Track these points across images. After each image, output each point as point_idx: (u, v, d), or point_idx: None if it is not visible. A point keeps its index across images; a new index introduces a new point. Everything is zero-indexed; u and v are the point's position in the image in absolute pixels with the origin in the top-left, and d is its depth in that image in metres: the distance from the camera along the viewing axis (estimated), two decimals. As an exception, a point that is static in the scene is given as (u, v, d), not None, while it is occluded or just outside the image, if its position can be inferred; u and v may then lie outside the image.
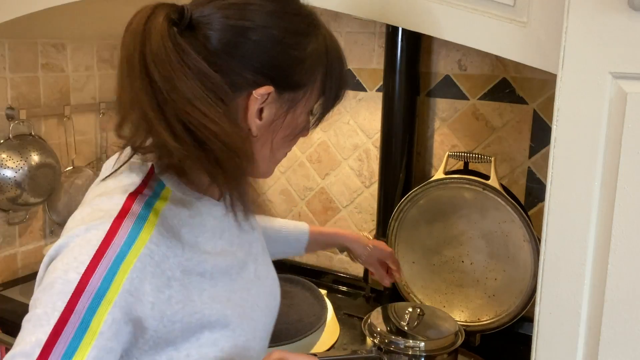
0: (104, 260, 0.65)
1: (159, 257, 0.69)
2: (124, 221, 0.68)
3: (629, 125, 0.78)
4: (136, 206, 0.71)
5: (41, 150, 1.77)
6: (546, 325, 0.87)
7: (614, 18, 0.77)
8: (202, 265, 0.75)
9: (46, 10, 1.45)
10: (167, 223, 0.72)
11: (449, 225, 1.51)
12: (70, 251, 0.66)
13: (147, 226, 0.69)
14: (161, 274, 0.69)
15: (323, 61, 0.79)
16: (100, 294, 0.64)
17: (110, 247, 0.66)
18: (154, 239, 0.69)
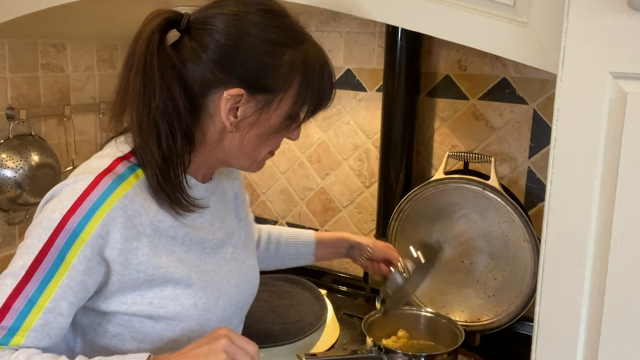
0: (82, 206, 0.79)
1: (131, 212, 0.82)
2: (105, 177, 0.82)
3: (629, 125, 0.78)
4: (120, 167, 0.84)
5: (41, 150, 1.77)
6: (546, 325, 0.87)
7: (614, 18, 0.77)
8: (174, 230, 0.87)
9: (46, 10, 1.45)
10: (146, 187, 0.85)
11: (449, 225, 1.51)
12: (59, 196, 0.81)
13: (124, 184, 0.82)
14: (132, 227, 0.82)
15: (300, 71, 0.86)
16: (76, 233, 0.78)
17: (90, 196, 0.80)
18: (129, 195, 0.82)
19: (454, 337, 1.32)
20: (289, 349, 1.32)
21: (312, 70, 0.87)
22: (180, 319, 0.88)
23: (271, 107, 0.87)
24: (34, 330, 0.78)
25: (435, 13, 1.02)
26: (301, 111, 0.90)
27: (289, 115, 0.88)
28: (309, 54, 0.88)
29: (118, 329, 0.87)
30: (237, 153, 0.90)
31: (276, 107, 0.87)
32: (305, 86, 0.87)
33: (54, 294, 0.79)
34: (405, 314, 1.41)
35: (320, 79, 0.89)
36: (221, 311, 0.94)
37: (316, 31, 1.80)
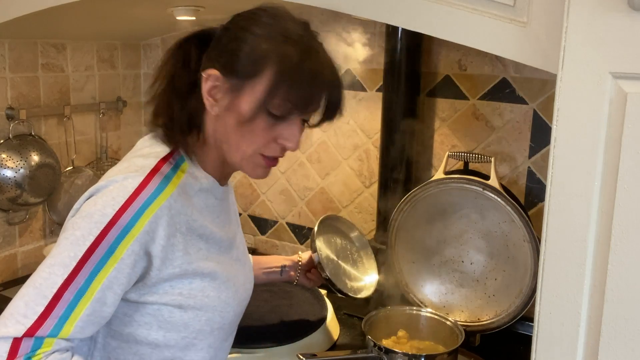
0: (134, 204, 0.83)
1: (174, 211, 0.87)
2: (155, 177, 0.87)
3: (629, 125, 0.78)
4: (165, 167, 0.89)
5: (41, 150, 1.77)
6: (546, 325, 0.87)
7: (614, 18, 0.77)
8: (202, 229, 0.93)
9: (46, 10, 1.45)
10: (184, 188, 0.90)
11: (449, 225, 1.51)
12: (109, 192, 0.85)
13: (170, 185, 0.88)
14: (172, 225, 0.87)
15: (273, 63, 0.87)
16: (127, 229, 0.83)
17: (141, 194, 0.84)
18: (174, 196, 0.87)
19: (454, 337, 1.32)
20: (289, 349, 1.32)
21: (293, 68, 0.87)
22: (206, 310, 0.93)
23: (242, 93, 0.89)
24: (81, 320, 0.82)
25: (435, 13, 1.02)
26: (283, 109, 0.89)
27: (261, 105, 0.88)
28: (296, 53, 0.88)
29: (146, 318, 0.91)
30: (227, 144, 0.93)
31: (247, 93, 0.88)
32: (280, 81, 0.87)
33: (101, 285, 0.82)
34: (405, 314, 1.42)
35: (306, 81, 0.88)
36: (237, 305, 1.00)
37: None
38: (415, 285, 1.55)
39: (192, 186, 0.93)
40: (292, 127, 0.91)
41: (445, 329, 1.36)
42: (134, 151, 0.96)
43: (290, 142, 0.92)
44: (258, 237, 2.05)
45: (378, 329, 1.35)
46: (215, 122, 0.93)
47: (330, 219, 1.49)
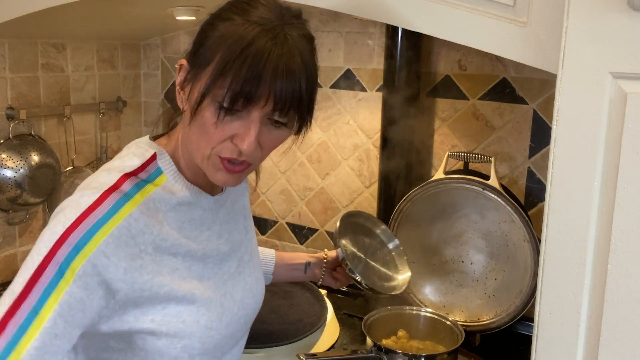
0: (86, 221, 0.77)
1: (135, 231, 0.80)
2: (112, 195, 0.80)
3: (629, 125, 0.78)
4: (126, 185, 0.82)
5: (41, 150, 1.77)
6: (546, 325, 0.87)
7: (614, 18, 0.77)
8: (176, 247, 0.86)
9: (46, 10, 1.45)
10: (152, 205, 0.83)
11: (449, 225, 1.51)
12: (63, 210, 0.79)
13: (130, 203, 0.81)
14: (134, 245, 0.80)
15: (224, 43, 0.79)
16: (78, 248, 0.75)
17: (95, 212, 0.78)
18: (135, 215, 0.80)
19: (454, 337, 1.32)
20: (289, 349, 1.32)
21: (239, 52, 0.77)
22: (182, 336, 0.86)
23: (199, 80, 0.81)
24: (29, 355, 0.72)
25: (435, 13, 1.02)
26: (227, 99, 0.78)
27: (205, 94, 0.79)
28: (248, 37, 0.78)
29: (120, 345, 0.85)
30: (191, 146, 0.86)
31: (199, 81, 0.81)
32: (223, 62, 0.78)
33: (51, 312, 0.73)
34: (405, 314, 1.41)
35: (248, 66, 0.77)
36: (224, 327, 0.92)
37: (316, 31, 1.80)
38: (415, 285, 1.55)
39: (167, 201, 0.85)
40: (247, 124, 0.80)
41: (445, 329, 1.36)
42: (114, 158, 0.91)
43: (241, 140, 0.81)
44: (258, 237, 2.05)
45: (378, 329, 1.35)
46: (182, 120, 0.88)
47: (353, 215, 1.38)
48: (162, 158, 0.89)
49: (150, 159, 0.88)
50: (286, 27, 0.81)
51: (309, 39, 0.85)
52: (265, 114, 0.81)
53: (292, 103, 0.80)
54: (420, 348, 1.36)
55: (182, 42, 2.09)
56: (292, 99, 0.80)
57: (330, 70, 1.79)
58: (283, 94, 0.79)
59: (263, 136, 0.83)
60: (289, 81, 0.79)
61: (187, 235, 0.88)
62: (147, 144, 0.90)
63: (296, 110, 0.82)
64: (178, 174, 0.88)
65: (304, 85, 0.81)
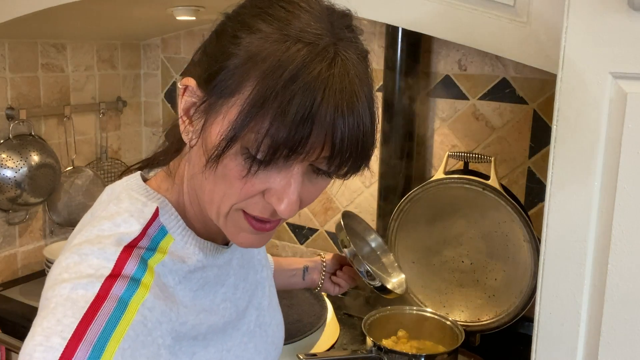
0: (93, 327, 0.55)
1: (151, 324, 0.60)
2: (117, 283, 0.59)
3: (629, 125, 0.78)
4: (130, 265, 0.61)
5: (41, 150, 1.77)
6: (546, 325, 0.87)
7: (614, 18, 0.77)
8: (196, 329, 0.68)
9: (46, 10, 1.45)
10: (162, 281, 0.64)
11: (449, 225, 1.51)
12: (52, 312, 0.56)
13: (141, 289, 0.60)
14: (152, 342, 0.60)
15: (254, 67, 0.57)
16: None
17: (101, 311, 0.56)
18: (148, 303, 0.60)
19: (454, 337, 1.32)
20: (289, 349, 1.32)
21: (280, 86, 0.55)
22: None
23: (212, 115, 0.60)
24: None
25: (435, 13, 1.02)
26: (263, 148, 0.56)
27: (231, 138, 0.57)
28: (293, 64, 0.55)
29: None
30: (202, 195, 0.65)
31: (220, 119, 0.59)
32: (259, 97, 0.56)
33: None
34: (405, 314, 1.41)
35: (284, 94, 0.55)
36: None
37: (316, 31, 1.80)
38: (415, 285, 1.55)
39: (177, 272, 0.66)
40: (287, 176, 0.60)
41: (445, 329, 1.36)
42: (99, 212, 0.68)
43: (278, 200, 0.60)
44: (258, 237, 2.05)
45: (378, 329, 1.35)
46: (190, 157, 0.67)
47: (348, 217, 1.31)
48: (165, 212, 0.68)
49: (151, 218, 0.67)
50: (340, 45, 0.58)
51: (365, 56, 0.62)
52: (310, 162, 0.60)
53: (353, 151, 0.59)
54: (420, 348, 1.36)
55: (182, 42, 2.09)
56: (356, 146, 0.59)
57: (330, 70, 1.79)
58: (345, 142, 0.58)
59: (304, 189, 0.64)
60: (352, 124, 0.58)
61: (203, 306, 0.69)
62: (144, 194, 0.69)
63: (356, 158, 0.61)
64: (187, 231, 0.69)
65: (369, 125, 0.60)
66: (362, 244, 1.37)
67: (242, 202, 0.62)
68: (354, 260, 1.15)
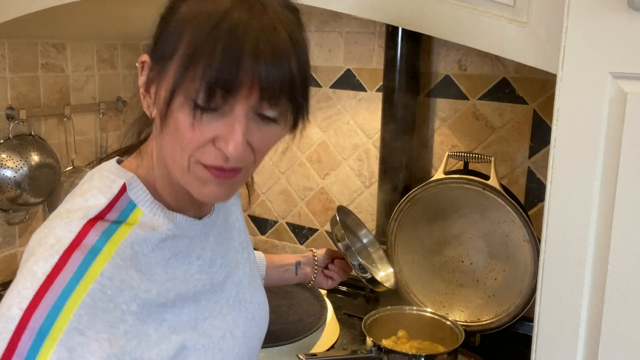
0: (48, 295, 0.60)
1: (112, 292, 0.64)
2: (74, 253, 0.63)
3: (629, 125, 0.78)
4: (91, 236, 0.65)
5: (41, 150, 1.77)
6: (546, 325, 0.87)
7: (614, 18, 0.77)
8: (163, 296, 0.70)
9: (46, 10, 1.45)
10: (129, 250, 0.68)
11: (449, 225, 1.51)
12: (15, 285, 0.62)
13: (99, 259, 0.64)
14: (114, 308, 0.64)
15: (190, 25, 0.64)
16: (44, 331, 0.58)
17: (56, 281, 0.61)
18: (107, 272, 0.64)
19: (454, 337, 1.32)
20: (289, 349, 1.32)
21: (209, 34, 0.62)
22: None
23: (162, 77, 0.67)
24: None
25: (435, 13, 1.02)
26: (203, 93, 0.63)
27: (174, 91, 0.64)
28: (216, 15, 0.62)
29: None
30: (166, 159, 0.71)
31: (165, 76, 0.67)
32: (191, 47, 0.63)
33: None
34: (405, 314, 1.41)
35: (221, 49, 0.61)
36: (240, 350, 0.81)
37: (316, 31, 1.80)
38: (415, 285, 1.55)
39: (148, 241, 0.70)
40: (230, 121, 0.65)
41: (445, 329, 1.36)
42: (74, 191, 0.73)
43: (225, 142, 0.65)
44: (258, 237, 2.05)
45: (378, 329, 1.35)
46: (155, 130, 0.73)
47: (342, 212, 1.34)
48: (133, 187, 0.72)
49: (119, 192, 0.71)
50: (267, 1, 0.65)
51: (293, 9, 0.69)
52: (251, 107, 0.65)
53: (283, 89, 0.64)
54: (420, 348, 1.36)
55: (182, 42, 2.09)
56: (282, 83, 0.64)
57: (330, 70, 1.79)
58: (270, 78, 0.63)
59: (252, 135, 0.67)
60: (275, 61, 0.63)
61: (175, 274, 0.73)
62: (114, 172, 0.74)
63: (288, 98, 0.66)
64: (155, 204, 0.73)
65: (295, 65, 0.65)
66: (354, 239, 1.40)
67: (197, 153, 0.66)
68: (347, 253, 1.18)
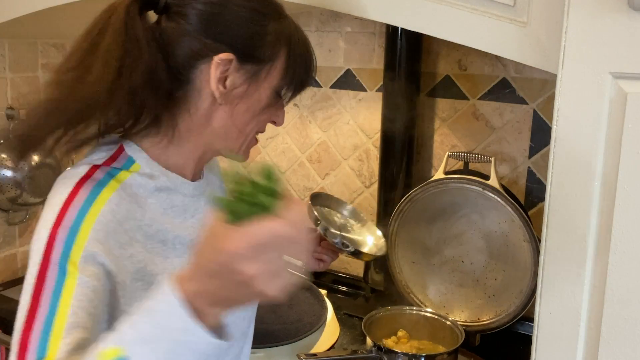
0: (67, 216, 0.73)
1: (120, 217, 0.76)
2: (85, 185, 0.76)
3: (629, 125, 0.78)
4: (98, 174, 0.78)
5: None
6: (546, 325, 0.87)
7: (614, 18, 0.77)
8: (163, 234, 0.81)
9: (46, 10, 1.45)
10: (130, 190, 0.79)
11: (449, 225, 1.51)
12: (41, 218, 0.76)
13: (106, 189, 0.76)
14: (123, 232, 0.76)
15: (285, 43, 0.84)
16: (69, 241, 0.71)
17: (72, 205, 0.74)
18: (114, 200, 0.76)
19: (454, 337, 1.32)
20: (289, 349, 1.32)
21: (297, 45, 0.86)
22: None
23: (259, 79, 0.83)
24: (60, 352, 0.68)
25: (435, 13, 1.02)
26: (286, 89, 0.87)
27: (276, 90, 0.85)
28: (292, 28, 0.86)
29: None
30: (226, 132, 0.85)
31: (264, 78, 0.83)
32: (292, 60, 0.85)
33: (69, 307, 0.70)
34: (405, 314, 1.41)
35: (304, 56, 0.87)
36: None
37: (316, 31, 1.80)
38: (416, 285, 1.55)
39: (145, 186, 0.81)
40: (282, 105, 0.89)
41: (445, 329, 1.36)
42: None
43: (281, 118, 0.90)
44: (258, 237, 2.05)
45: (378, 329, 1.35)
46: (211, 111, 0.83)
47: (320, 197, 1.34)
48: (130, 147, 0.83)
49: (118, 150, 0.83)
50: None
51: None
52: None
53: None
54: (420, 348, 1.36)
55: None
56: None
57: (330, 70, 1.79)
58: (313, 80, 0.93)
59: None
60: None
61: (172, 221, 0.84)
62: (111, 139, 0.85)
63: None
64: (151, 161, 0.84)
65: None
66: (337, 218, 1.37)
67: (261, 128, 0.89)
68: (327, 234, 1.19)
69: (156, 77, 0.78)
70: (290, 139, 1.90)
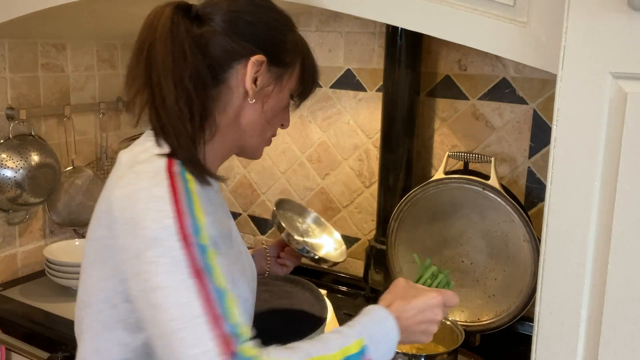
0: (180, 205, 0.77)
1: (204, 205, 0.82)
2: (174, 177, 0.80)
3: (629, 125, 0.78)
4: (176, 167, 0.82)
5: (41, 150, 1.77)
6: (546, 325, 0.87)
7: (614, 18, 0.77)
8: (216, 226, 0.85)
9: (46, 10, 1.45)
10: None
11: (449, 225, 1.51)
12: (145, 210, 0.77)
13: (190, 180, 0.82)
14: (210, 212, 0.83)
15: (300, 51, 0.95)
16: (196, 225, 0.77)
17: (178, 194, 0.78)
18: (198, 190, 0.82)
19: (454, 337, 1.32)
20: (289, 349, 1.32)
21: (309, 55, 0.96)
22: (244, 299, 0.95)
23: (282, 82, 0.93)
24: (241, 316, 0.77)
25: (435, 13, 1.02)
26: (297, 94, 0.97)
27: (291, 94, 0.96)
28: (303, 40, 0.97)
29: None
30: (252, 130, 0.93)
31: (286, 82, 0.93)
32: (306, 68, 0.95)
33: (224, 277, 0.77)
34: (405, 314, 1.41)
35: (313, 66, 0.97)
36: (252, 298, 1.01)
37: (316, 31, 1.80)
38: (415, 285, 1.55)
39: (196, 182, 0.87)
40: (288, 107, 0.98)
41: (445, 329, 1.36)
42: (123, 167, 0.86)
43: (288, 121, 1.00)
44: (258, 237, 2.05)
45: (378, 329, 1.35)
46: (240, 110, 0.91)
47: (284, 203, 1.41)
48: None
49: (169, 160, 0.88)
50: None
51: None
52: None
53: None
54: (420, 348, 1.36)
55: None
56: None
57: (330, 70, 1.79)
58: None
59: None
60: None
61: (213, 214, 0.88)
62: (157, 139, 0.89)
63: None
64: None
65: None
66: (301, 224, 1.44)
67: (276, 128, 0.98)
68: (290, 241, 1.25)
69: (200, 76, 0.85)
70: (290, 138, 1.90)
